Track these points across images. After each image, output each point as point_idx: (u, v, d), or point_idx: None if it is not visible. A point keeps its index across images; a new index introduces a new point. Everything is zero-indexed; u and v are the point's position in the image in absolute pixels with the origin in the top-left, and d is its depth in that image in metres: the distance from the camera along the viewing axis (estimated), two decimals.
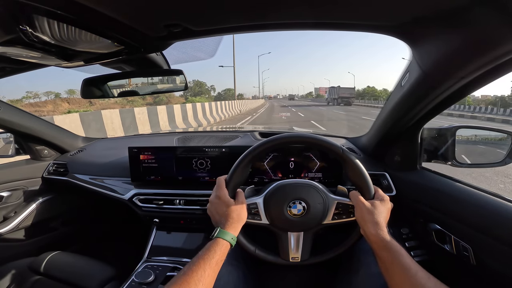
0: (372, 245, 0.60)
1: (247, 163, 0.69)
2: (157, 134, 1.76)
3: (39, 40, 0.51)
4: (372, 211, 0.62)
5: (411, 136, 0.87)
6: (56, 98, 38.34)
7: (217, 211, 0.66)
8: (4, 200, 1.17)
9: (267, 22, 0.55)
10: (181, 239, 1.07)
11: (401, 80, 0.70)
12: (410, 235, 0.95)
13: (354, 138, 1.21)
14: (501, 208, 0.63)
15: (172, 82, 0.87)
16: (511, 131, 0.80)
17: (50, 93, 39.76)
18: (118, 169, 1.14)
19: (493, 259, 0.63)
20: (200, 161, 1.02)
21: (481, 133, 0.92)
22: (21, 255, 1.02)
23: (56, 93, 39.87)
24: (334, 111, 20.51)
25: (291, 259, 0.70)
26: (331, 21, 0.54)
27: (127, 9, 0.48)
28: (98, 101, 29.00)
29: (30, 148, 1.28)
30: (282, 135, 0.69)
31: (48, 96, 39.28)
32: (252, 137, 1.29)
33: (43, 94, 39.26)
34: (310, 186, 0.70)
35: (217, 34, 0.62)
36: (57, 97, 39.02)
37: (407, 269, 0.51)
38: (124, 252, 1.33)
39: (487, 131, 0.93)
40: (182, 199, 1.00)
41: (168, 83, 0.87)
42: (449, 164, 0.84)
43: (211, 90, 71.28)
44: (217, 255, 0.55)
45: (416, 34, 0.53)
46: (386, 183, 0.95)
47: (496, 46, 0.44)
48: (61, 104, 33.68)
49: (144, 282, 0.83)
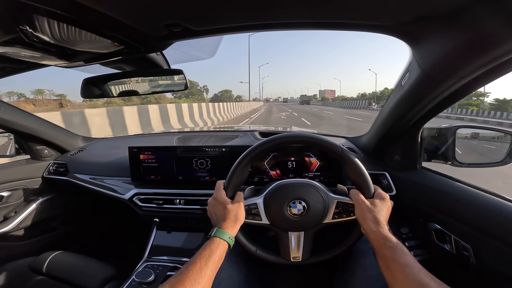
0: (373, 243, 0.59)
1: (247, 163, 0.69)
2: (157, 134, 1.76)
3: (39, 40, 0.51)
4: (372, 209, 0.62)
5: (411, 135, 0.87)
6: (19, 99, 31.40)
7: (215, 211, 0.66)
8: (5, 200, 1.17)
9: (267, 22, 0.55)
10: (181, 238, 1.07)
11: (401, 80, 0.70)
12: (410, 234, 0.95)
13: (354, 138, 1.21)
14: (501, 208, 0.63)
15: (172, 82, 0.87)
16: (511, 131, 0.80)
17: (12, 94, 32.66)
18: (118, 169, 1.14)
19: (493, 259, 0.63)
20: (200, 160, 1.02)
21: (481, 132, 0.92)
22: (22, 255, 1.02)
23: (19, 94, 33.15)
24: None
25: (292, 259, 0.70)
26: (331, 21, 0.54)
27: (127, 9, 0.48)
28: (69, 102, 26.86)
29: (30, 148, 1.28)
30: (281, 135, 0.69)
31: (10, 97, 31.75)
32: (252, 137, 1.29)
33: (4, 95, 31.55)
34: (309, 185, 0.70)
35: (217, 34, 0.62)
36: (21, 98, 32.11)
37: (409, 267, 0.50)
38: (124, 252, 1.33)
39: (487, 131, 0.93)
40: (182, 199, 1.00)
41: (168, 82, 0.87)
42: (449, 163, 0.84)
43: (204, 91, 65.37)
44: (214, 254, 0.55)
45: (416, 33, 0.53)
46: (386, 183, 0.95)
47: (496, 46, 0.43)
48: (25, 106, 27.19)
49: (144, 281, 0.83)
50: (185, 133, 1.49)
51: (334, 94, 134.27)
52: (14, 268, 0.92)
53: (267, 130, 1.46)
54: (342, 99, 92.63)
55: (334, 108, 39.53)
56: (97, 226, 1.60)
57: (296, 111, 25.29)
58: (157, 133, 1.78)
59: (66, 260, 0.97)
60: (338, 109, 33.10)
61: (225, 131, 1.52)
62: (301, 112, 23.30)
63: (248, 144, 1.05)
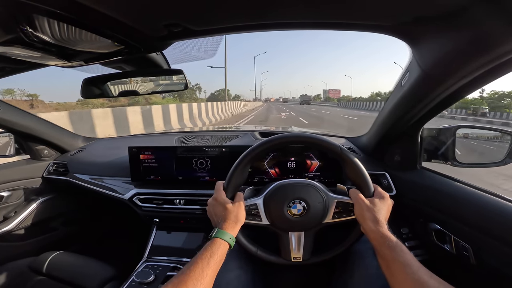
0: (373, 242, 0.60)
1: (246, 164, 0.70)
2: (157, 134, 1.76)
3: (39, 40, 0.51)
4: (371, 209, 0.62)
5: (411, 135, 0.87)
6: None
7: (215, 212, 0.66)
8: (4, 200, 1.17)
9: (267, 21, 0.55)
10: (181, 238, 1.07)
11: (401, 80, 0.70)
12: (410, 234, 0.95)
13: (354, 138, 1.21)
14: (501, 208, 0.63)
15: (172, 82, 0.87)
16: (511, 131, 0.80)
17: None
18: (118, 169, 1.14)
19: (493, 259, 0.63)
20: (200, 160, 1.02)
21: (481, 132, 0.92)
22: (22, 255, 1.02)
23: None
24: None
25: (293, 259, 0.70)
26: (330, 21, 0.54)
27: (127, 9, 0.48)
28: (41, 103, 24.95)
29: (30, 148, 1.27)
30: (280, 135, 0.69)
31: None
32: (252, 137, 1.29)
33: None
34: (309, 185, 0.70)
35: (217, 34, 0.62)
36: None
37: (408, 266, 0.50)
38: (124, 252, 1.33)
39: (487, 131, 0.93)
40: (182, 199, 1.00)
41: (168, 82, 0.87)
42: (449, 164, 0.84)
43: (197, 90, 61.53)
44: (215, 255, 0.55)
45: (416, 33, 0.53)
46: (386, 183, 0.95)
47: (496, 46, 0.43)
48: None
49: (144, 282, 0.83)
50: (185, 133, 1.49)
51: (339, 94, 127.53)
52: (14, 268, 0.92)
53: (267, 130, 1.46)
54: (348, 100, 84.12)
55: (341, 109, 37.93)
56: (97, 226, 1.60)
57: (294, 111, 24.91)
58: (157, 133, 1.78)
59: (66, 260, 0.97)
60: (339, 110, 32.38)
61: (225, 131, 1.52)
62: (299, 112, 23.08)
63: (248, 144, 1.05)
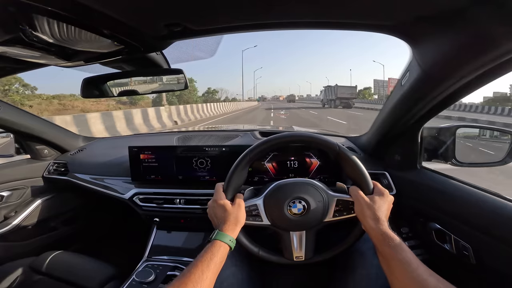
0: (373, 239, 0.60)
1: (245, 164, 0.70)
2: (157, 134, 1.77)
3: (39, 39, 0.51)
4: (371, 206, 0.62)
5: (411, 135, 0.87)
6: None
7: (215, 214, 0.66)
8: (5, 199, 1.17)
9: (267, 21, 0.55)
10: (182, 238, 1.07)
11: (401, 80, 0.70)
12: (410, 234, 0.95)
13: (354, 137, 1.21)
14: (501, 208, 0.63)
15: (172, 81, 0.87)
16: (511, 130, 0.80)
17: None
18: (118, 169, 1.14)
19: (493, 259, 0.63)
20: (200, 160, 1.02)
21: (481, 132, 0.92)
22: (22, 255, 1.02)
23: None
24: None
25: (295, 259, 0.70)
26: (331, 21, 0.54)
27: (127, 8, 0.48)
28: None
29: (30, 148, 1.28)
30: (278, 135, 0.70)
31: None
32: (252, 136, 1.29)
33: None
34: (309, 184, 0.70)
35: (217, 34, 0.62)
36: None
37: (408, 264, 0.50)
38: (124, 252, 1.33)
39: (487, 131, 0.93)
40: (182, 199, 1.00)
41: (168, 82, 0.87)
42: (449, 163, 0.84)
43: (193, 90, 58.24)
44: (215, 257, 0.55)
45: (416, 33, 0.53)
46: (386, 182, 0.95)
47: (496, 45, 0.43)
48: None
49: (144, 281, 0.83)
50: (185, 132, 1.49)
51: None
52: (14, 268, 0.92)
53: (267, 130, 1.47)
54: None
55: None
56: (97, 226, 1.60)
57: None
58: (157, 133, 1.79)
59: (66, 260, 0.97)
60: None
61: (225, 131, 1.52)
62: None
63: (248, 143, 1.05)
